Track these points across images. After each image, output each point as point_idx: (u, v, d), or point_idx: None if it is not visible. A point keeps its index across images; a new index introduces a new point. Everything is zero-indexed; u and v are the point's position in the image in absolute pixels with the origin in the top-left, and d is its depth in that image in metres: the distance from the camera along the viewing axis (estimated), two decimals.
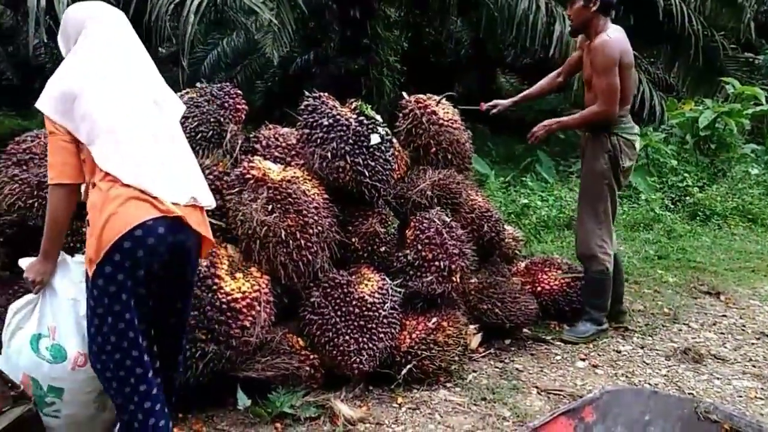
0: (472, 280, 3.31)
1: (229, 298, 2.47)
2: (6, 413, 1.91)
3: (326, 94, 3.07)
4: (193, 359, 2.40)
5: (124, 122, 1.93)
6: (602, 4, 3.25)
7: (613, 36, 3.25)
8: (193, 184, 2.04)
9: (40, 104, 1.96)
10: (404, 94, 3.58)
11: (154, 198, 1.87)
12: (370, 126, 2.94)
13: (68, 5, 4.36)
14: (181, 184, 1.98)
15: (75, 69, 1.97)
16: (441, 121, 3.38)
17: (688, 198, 6.56)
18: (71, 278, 2.14)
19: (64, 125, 1.92)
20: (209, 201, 2.09)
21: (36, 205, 2.83)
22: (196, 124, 2.96)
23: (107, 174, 1.87)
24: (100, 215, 1.85)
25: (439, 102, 3.49)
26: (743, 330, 3.67)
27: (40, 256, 2.09)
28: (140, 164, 1.91)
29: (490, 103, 3.80)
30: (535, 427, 1.63)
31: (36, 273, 2.08)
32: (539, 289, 3.62)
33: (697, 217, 6.25)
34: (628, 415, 1.74)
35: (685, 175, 6.91)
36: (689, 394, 2.82)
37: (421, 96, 3.49)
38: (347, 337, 2.68)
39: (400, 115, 3.45)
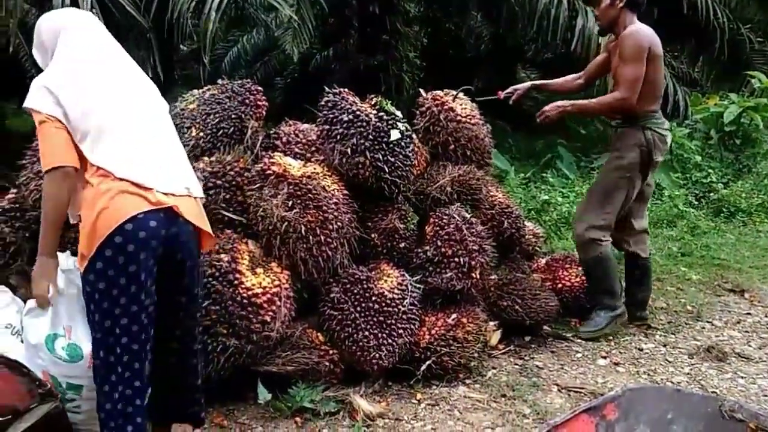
0: (492, 277, 3.29)
1: (249, 293, 2.49)
2: (34, 410, 1.94)
3: (346, 90, 3.07)
4: (214, 353, 2.42)
5: (112, 117, 1.93)
6: (630, 5, 3.28)
7: (643, 27, 3.27)
8: (186, 174, 2.05)
9: (26, 103, 1.95)
10: (421, 91, 3.56)
11: (147, 190, 1.86)
12: (389, 122, 2.93)
13: (92, 5, 4.43)
14: (174, 174, 1.98)
15: (59, 71, 1.98)
16: (459, 118, 3.36)
17: (712, 194, 6.46)
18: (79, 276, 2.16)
19: (55, 115, 1.90)
20: (200, 192, 2.10)
21: None
22: (217, 120, 2.98)
23: (99, 168, 1.87)
24: (91, 211, 1.83)
25: (456, 97, 3.46)
26: None
27: (40, 256, 1.99)
28: (132, 157, 1.90)
29: (507, 90, 3.79)
30: (556, 424, 1.61)
31: (41, 276, 2.00)
32: (560, 286, 3.59)
33: (722, 214, 6.15)
34: (651, 414, 1.71)
35: (710, 171, 6.80)
36: (713, 392, 2.78)
37: (438, 93, 3.47)
38: (366, 333, 2.69)
39: (417, 113, 3.44)
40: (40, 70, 2.14)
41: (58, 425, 2.02)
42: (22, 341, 2.48)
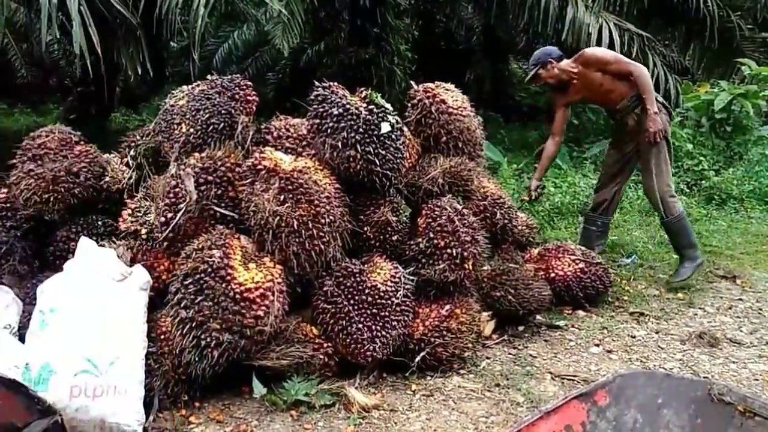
0: (485, 267, 3.31)
1: (242, 288, 2.49)
2: (32, 426, 1.95)
3: (336, 83, 3.07)
4: (208, 349, 2.42)
5: None
6: (557, 58, 4.07)
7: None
8: None
9: None
10: (413, 83, 3.56)
11: None
12: (380, 114, 2.93)
13: (79, 2, 4.40)
14: None
15: None
16: (450, 110, 3.37)
17: (703, 182, 6.49)
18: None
19: None
20: None
21: (51, 199, 2.88)
22: (207, 116, 2.98)
23: None
24: None
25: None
26: (759, 313, 3.64)
27: None
28: None
29: (532, 192, 4.39)
30: (547, 410, 1.63)
31: None
32: (552, 275, 3.61)
33: (713, 201, 6.18)
34: (641, 398, 1.73)
35: (701, 158, 6.83)
36: (704, 377, 2.80)
37: (429, 85, 3.47)
38: (360, 326, 2.70)
39: (409, 105, 3.44)
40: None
41: None
42: (21, 341, 2.50)
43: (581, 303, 3.62)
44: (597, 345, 3.22)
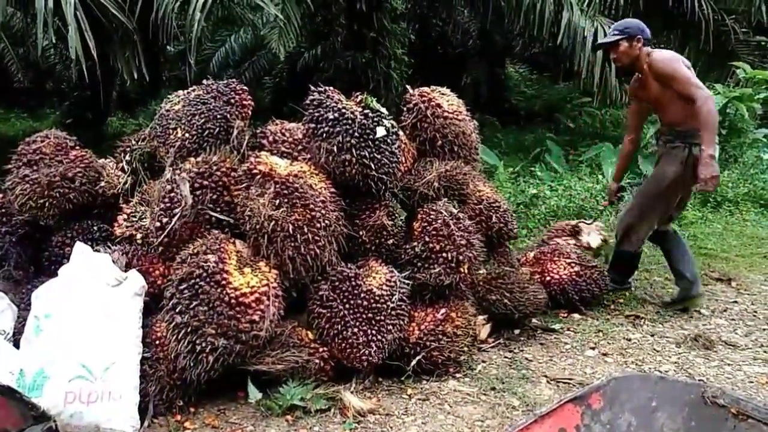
0: (481, 271, 3.31)
1: (237, 293, 2.49)
2: None
3: (331, 88, 3.07)
4: (203, 354, 2.42)
5: None
6: (645, 41, 3.51)
7: (665, 50, 3.61)
8: None
9: None
10: (408, 87, 3.57)
11: None
12: (375, 119, 2.94)
13: (75, 7, 4.41)
14: None
15: None
16: (446, 114, 3.37)
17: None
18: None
19: None
20: None
21: (47, 204, 2.88)
22: (203, 121, 2.98)
23: None
24: None
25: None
26: (754, 316, 3.65)
27: None
28: None
29: (613, 196, 4.16)
30: (542, 414, 1.63)
31: None
32: (548, 278, 3.62)
33: (708, 204, 6.20)
34: (636, 402, 1.73)
35: None
36: (699, 380, 2.80)
37: (425, 89, 3.48)
38: (356, 330, 2.70)
39: (405, 109, 3.45)
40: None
41: None
42: (15, 346, 2.50)
43: (577, 306, 3.62)
44: (592, 348, 3.22)
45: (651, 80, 3.50)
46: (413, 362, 2.82)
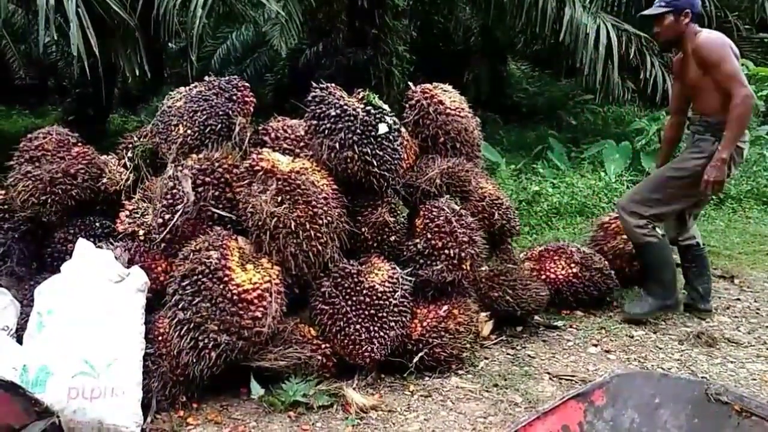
0: (483, 268, 3.30)
1: (240, 289, 2.49)
2: (29, 428, 1.95)
3: (333, 84, 3.07)
4: (206, 350, 2.43)
5: None
6: (693, 16, 3.23)
7: (714, 32, 3.22)
8: None
9: None
10: (410, 84, 3.56)
11: None
12: (377, 115, 2.93)
13: (77, 3, 4.40)
14: None
15: None
16: (448, 111, 3.37)
17: None
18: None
19: None
20: None
21: (49, 201, 2.87)
22: (204, 117, 2.98)
23: None
24: None
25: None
26: (757, 313, 3.64)
27: None
28: None
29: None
30: (545, 411, 1.63)
31: None
32: (544, 277, 3.59)
33: (711, 201, 6.18)
34: (638, 399, 1.73)
35: None
36: (702, 377, 2.80)
37: (427, 86, 3.47)
38: (358, 326, 2.70)
39: (407, 106, 3.44)
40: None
41: None
42: (18, 343, 2.50)
43: (573, 307, 3.61)
44: (595, 345, 3.22)
45: (692, 63, 3.23)
46: (416, 359, 2.82)
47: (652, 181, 3.50)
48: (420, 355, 2.83)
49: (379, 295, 2.76)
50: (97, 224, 3.02)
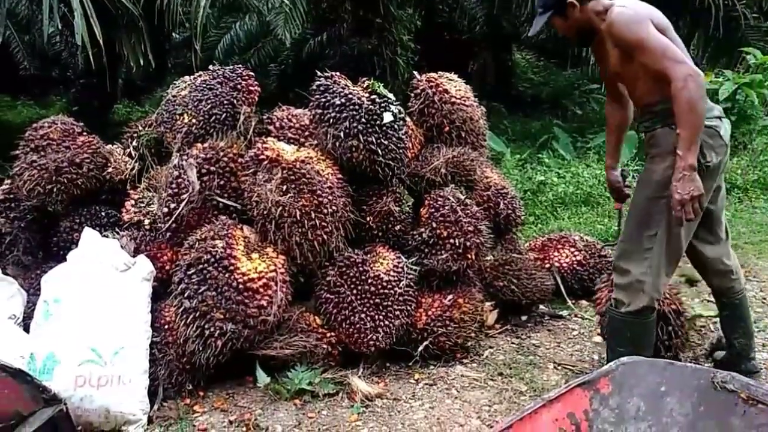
0: (488, 257, 3.30)
1: (245, 278, 2.50)
2: (38, 414, 1.97)
3: (338, 73, 3.05)
4: (212, 338, 2.44)
5: None
6: None
7: (626, 2, 2.33)
8: None
9: None
10: (416, 73, 3.54)
11: None
12: (382, 104, 2.92)
13: None
14: None
15: None
16: (453, 100, 3.35)
17: None
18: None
19: None
20: None
21: (54, 190, 2.88)
22: (209, 106, 2.98)
23: None
24: None
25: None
26: (764, 302, 3.63)
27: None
28: None
29: (620, 191, 2.82)
30: (550, 399, 1.63)
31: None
32: (548, 265, 3.61)
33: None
34: (644, 387, 1.73)
35: None
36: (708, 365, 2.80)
37: (432, 75, 3.46)
38: (363, 315, 2.70)
39: (412, 95, 3.43)
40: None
41: (63, 427, 2.05)
42: (26, 331, 2.51)
43: (578, 295, 3.61)
44: (600, 334, 3.21)
45: (610, 46, 2.36)
46: (420, 347, 2.83)
47: (629, 220, 2.45)
48: (425, 343, 2.84)
49: (384, 284, 2.76)
50: (103, 213, 3.03)
